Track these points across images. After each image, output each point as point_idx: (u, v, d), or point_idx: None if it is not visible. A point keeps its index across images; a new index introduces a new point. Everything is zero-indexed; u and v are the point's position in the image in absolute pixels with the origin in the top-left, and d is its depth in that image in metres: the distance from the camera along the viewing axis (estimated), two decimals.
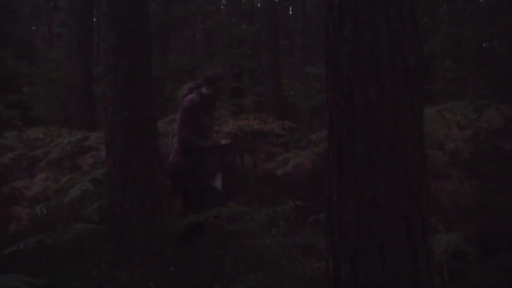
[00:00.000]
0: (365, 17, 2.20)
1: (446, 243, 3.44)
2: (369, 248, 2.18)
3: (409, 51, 2.23)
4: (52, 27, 20.50)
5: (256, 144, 7.28)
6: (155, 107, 4.47)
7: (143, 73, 4.22)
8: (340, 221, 2.25)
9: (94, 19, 10.94)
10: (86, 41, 9.84)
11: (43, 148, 6.75)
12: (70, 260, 3.99)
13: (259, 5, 16.26)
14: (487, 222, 4.13)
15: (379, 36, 2.19)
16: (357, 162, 2.21)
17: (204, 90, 4.32)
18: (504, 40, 10.20)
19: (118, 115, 4.14)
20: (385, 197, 2.18)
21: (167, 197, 4.47)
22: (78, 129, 7.93)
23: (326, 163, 2.35)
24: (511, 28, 9.67)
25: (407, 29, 2.23)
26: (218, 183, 4.29)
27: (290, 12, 19.91)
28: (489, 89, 8.42)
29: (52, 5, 20.22)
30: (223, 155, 6.71)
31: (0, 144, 6.75)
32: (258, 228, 4.32)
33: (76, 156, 6.39)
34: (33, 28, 21.48)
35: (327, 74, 2.33)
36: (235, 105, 10.41)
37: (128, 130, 4.13)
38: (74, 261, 3.96)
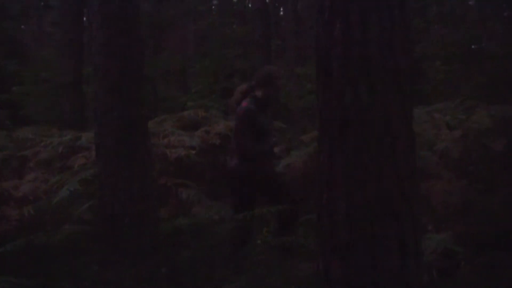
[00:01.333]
0: (356, 18, 2.21)
1: (436, 243, 3.46)
2: (360, 247, 2.19)
3: (400, 52, 2.24)
4: (43, 26, 20.38)
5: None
6: (147, 107, 4.45)
7: (134, 73, 4.20)
8: (331, 221, 2.26)
9: (85, 18, 10.90)
10: (77, 40, 9.80)
11: (32, 148, 6.70)
12: (60, 261, 3.97)
13: (250, 5, 16.27)
14: (477, 222, 4.16)
15: (370, 37, 2.20)
16: (348, 163, 2.22)
17: (259, 93, 4.06)
18: (492, 42, 10.29)
19: (109, 115, 4.12)
20: (376, 197, 2.19)
21: (158, 197, 4.45)
22: (68, 129, 7.88)
23: (317, 163, 2.36)
24: (499, 30, 9.76)
25: (398, 30, 2.25)
26: None
27: (282, 13, 19.93)
28: (479, 90, 8.48)
29: (42, 3, 20.09)
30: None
31: None
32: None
33: (66, 157, 6.35)
34: (22, 27, 21.33)
35: (318, 75, 2.34)
36: (226, 105, 10.40)
37: (119, 130, 4.12)
38: (64, 262, 3.94)
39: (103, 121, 4.15)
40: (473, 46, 10.05)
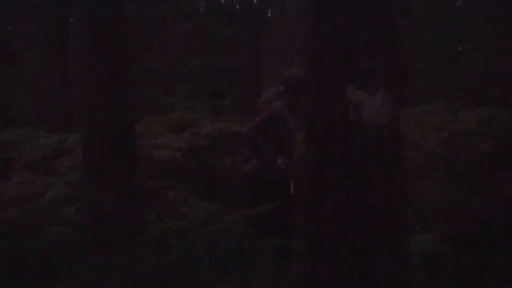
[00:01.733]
0: (342, 20, 2.22)
1: (423, 243, 3.48)
2: (347, 248, 2.20)
3: (387, 54, 2.26)
4: (29, 26, 20.19)
5: (235, 146, 7.26)
6: (134, 108, 4.43)
7: (122, 74, 4.18)
8: (318, 222, 2.26)
9: (71, 19, 10.82)
10: (64, 41, 9.73)
11: (18, 150, 6.64)
12: (48, 263, 3.94)
13: (238, 7, 16.26)
14: (463, 222, 4.20)
15: (357, 38, 2.21)
16: (334, 164, 2.22)
17: (289, 97, 4.05)
18: (478, 44, 10.39)
19: (96, 117, 4.10)
20: (362, 198, 2.20)
21: (146, 199, 4.43)
22: (55, 131, 7.82)
23: (304, 165, 2.37)
24: (484, 32, 9.86)
25: (384, 32, 2.26)
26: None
27: (269, 14, 19.96)
28: (464, 92, 8.56)
29: (28, 4, 19.91)
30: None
31: None
32: (236, 230, 4.31)
33: (53, 158, 6.30)
34: (8, 28, 21.14)
35: (306, 76, 2.35)
36: (214, 106, 10.40)
37: (106, 132, 4.09)
38: (51, 265, 3.90)
39: (90, 122, 4.12)
40: (459, 48, 10.14)
